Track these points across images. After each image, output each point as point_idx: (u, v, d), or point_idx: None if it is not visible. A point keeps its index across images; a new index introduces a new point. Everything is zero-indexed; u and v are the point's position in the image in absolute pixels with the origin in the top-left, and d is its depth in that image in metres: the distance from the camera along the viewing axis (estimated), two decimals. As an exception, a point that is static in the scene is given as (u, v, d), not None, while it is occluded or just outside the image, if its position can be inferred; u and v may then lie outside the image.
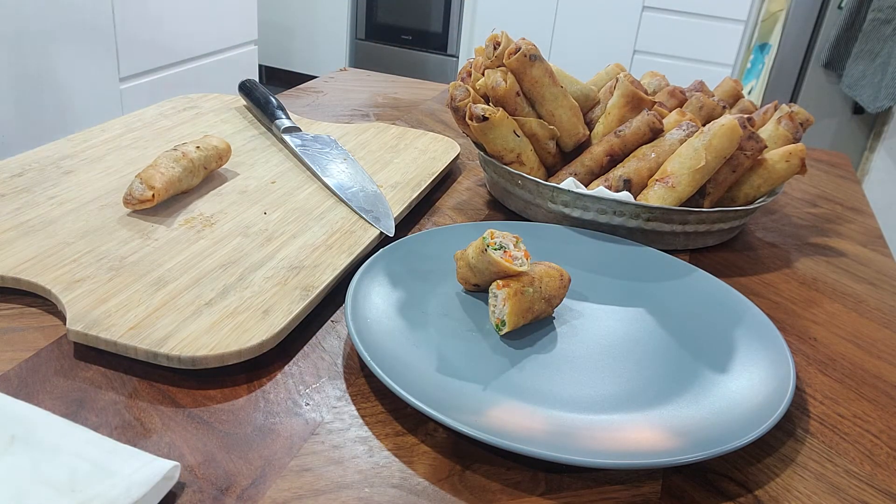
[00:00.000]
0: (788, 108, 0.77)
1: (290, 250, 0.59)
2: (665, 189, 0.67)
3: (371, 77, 1.23)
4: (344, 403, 0.46)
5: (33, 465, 0.37)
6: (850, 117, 2.65)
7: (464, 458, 0.43)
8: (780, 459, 0.45)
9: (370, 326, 0.50)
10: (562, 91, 0.72)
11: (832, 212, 0.86)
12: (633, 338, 0.55)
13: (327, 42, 3.66)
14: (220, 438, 0.42)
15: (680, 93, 0.80)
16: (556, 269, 0.55)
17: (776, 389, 0.47)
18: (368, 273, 0.56)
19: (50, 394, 0.44)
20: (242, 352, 0.47)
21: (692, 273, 0.62)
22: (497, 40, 0.71)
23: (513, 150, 0.70)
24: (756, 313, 0.56)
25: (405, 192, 0.72)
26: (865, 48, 2.42)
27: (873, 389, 0.53)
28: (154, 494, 0.36)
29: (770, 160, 0.72)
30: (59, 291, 0.51)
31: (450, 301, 0.56)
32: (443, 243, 0.62)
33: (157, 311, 0.50)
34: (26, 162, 0.70)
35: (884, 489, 0.44)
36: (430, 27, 3.46)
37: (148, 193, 0.62)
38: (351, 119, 0.99)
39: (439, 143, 0.86)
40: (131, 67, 2.16)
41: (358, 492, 0.40)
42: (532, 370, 0.50)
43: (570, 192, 0.67)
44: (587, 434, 0.44)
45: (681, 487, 0.42)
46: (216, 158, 0.70)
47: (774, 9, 2.65)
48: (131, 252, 0.57)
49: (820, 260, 0.73)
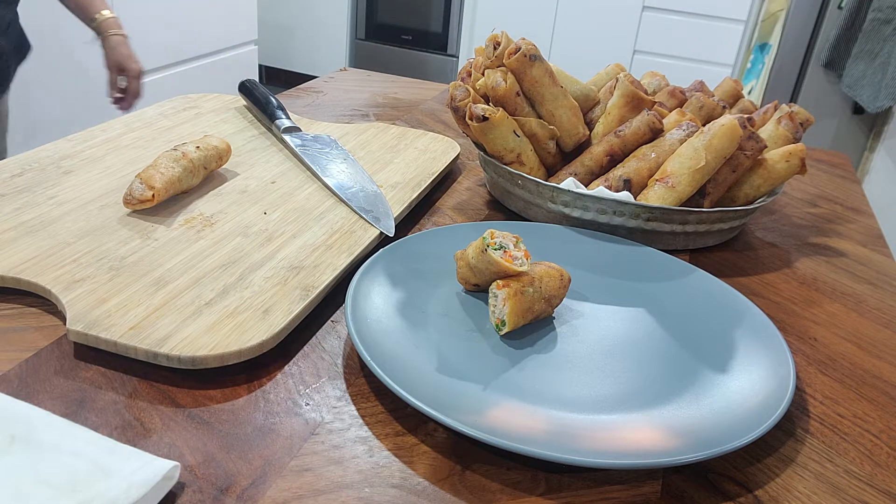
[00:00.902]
0: (788, 108, 0.77)
1: (290, 250, 0.59)
2: (665, 189, 0.67)
3: (371, 77, 1.23)
4: (344, 403, 0.46)
5: (33, 465, 0.37)
6: (850, 117, 2.65)
7: (464, 458, 0.43)
8: (780, 459, 0.45)
9: (370, 326, 0.50)
10: (562, 91, 0.72)
11: (832, 212, 0.86)
12: (633, 338, 0.55)
13: (327, 42, 3.66)
14: (220, 438, 0.42)
15: (680, 93, 0.80)
16: (556, 269, 0.55)
17: (776, 389, 0.47)
18: (368, 273, 0.56)
19: (50, 394, 0.44)
20: (242, 352, 0.47)
21: (692, 273, 0.62)
22: (497, 40, 0.71)
23: (513, 150, 0.70)
24: (756, 313, 0.56)
25: (405, 192, 0.72)
26: (865, 48, 2.42)
27: (873, 389, 0.53)
28: (154, 494, 0.36)
29: (770, 160, 0.72)
30: (59, 291, 0.51)
31: (450, 301, 0.56)
32: (443, 243, 0.62)
33: (157, 311, 0.50)
34: (26, 162, 0.70)
35: (884, 489, 0.44)
36: (430, 27, 3.46)
37: (148, 193, 0.62)
38: (351, 119, 0.99)
39: (439, 143, 0.86)
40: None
41: (358, 492, 0.40)
42: (532, 370, 0.50)
43: (570, 192, 0.67)
44: (587, 434, 0.44)
45: (681, 487, 0.42)
46: (216, 158, 0.70)
47: (774, 9, 2.65)
48: (131, 252, 0.57)
49: (820, 260, 0.73)
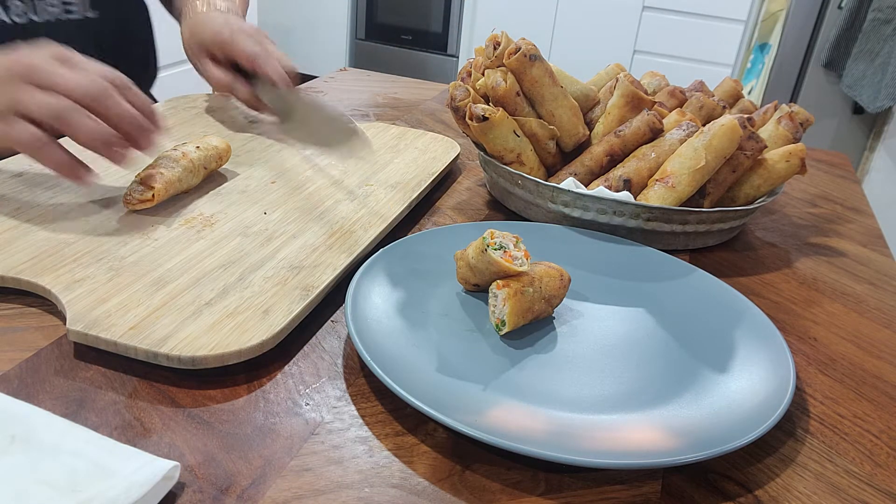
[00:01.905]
0: (788, 108, 0.77)
1: (290, 250, 0.59)
2: (665, 189, 0.67)
3: (371, 77, 1.23)
4: (344, 403, 0.46)
5: (33, 465, 0.37)
6: (850, 117, 2.65)
7: (464, 458, 0.43)
8: (780, 459, 0.45)
9: (370, 326, 0.50)
10: (562, 91, 0.72)
11: (832, 212, 0.86)
12: (633, 338, 0.55)
13: (327, 42, 3.66)
14: (220, 438, 0.42)
15: (680, 93, 0.80)
16: (556, 269, 0.55)
17: (776, 389, 0.47)
18: (368, 273, 0.56)
19: (50, 394, 0.44)
20: (242, 352, 0.47)
21: (692, 273, 0.62)
22: (497, 40, 0.71)
23: (513, 150, 0.70)
24: (756, 313, 0.56)
25: (405, 192, 0.72)
26: (865, 48, 2.42)
27: (873, 389, 0.53)
28: (154, 494, 0.36)
29: (770, 160, 0.72)
30: (59, 291, 0.51)
31: (450, 301, 0.56)
32: (443, 243, 0.62)
33: (157, 311, 0.50)
34: (26, 162, 0.70)
35: (884, 489, 0.44)
36: (430, 27, 3.46)
37: (148, 194, 0.62)
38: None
39: (439, 143, 0.86)
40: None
41: (358, 492, 0.40)
42: (532, 370, 0.50)
43: (570, 192, 0.67)
44: (587, 434, 0.44)
45: (681, 487, 0.42)
46: (216, 158, 0.70)
47: (774, 9, 2.65)
48: (131, 252, 0.57)
49: (820, 260, 0.73)
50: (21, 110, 0.57)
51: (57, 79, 0.57)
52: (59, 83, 0.57)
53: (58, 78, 0.57)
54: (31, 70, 0.57)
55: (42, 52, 0.59)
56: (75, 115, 0.57)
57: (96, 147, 0.58)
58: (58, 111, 0.56)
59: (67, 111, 0.57)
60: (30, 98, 0.57)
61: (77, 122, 0.57)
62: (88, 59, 0.61)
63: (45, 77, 0.57)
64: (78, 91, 0.57)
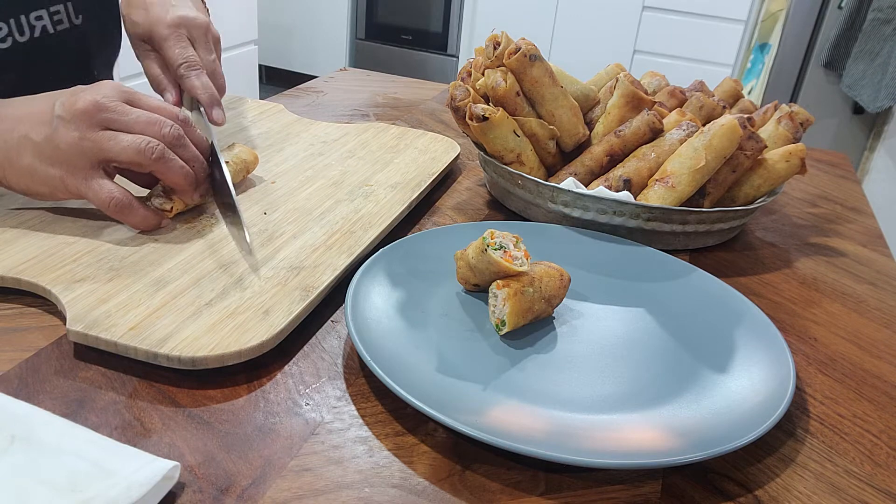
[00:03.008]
0: (788, 107, 0.77)
1: (290, 250, 0.59)
2: (665, 189, 0.67)
3: (371, 77, 1.23)
4: (344, 403, 0.46)
5: (33, 465, 0.37)
6: (850, 117, 2.65)
7: (464, 458, 0.43)
8: (780, 459, 0.45)
9: (370, 326, 0.50)
10: (562, 91, 0.72)
11: (832, 212, 0.86)
12: (633, 338, 0.55)
13: (327, 42, 3.66)
14: (220, 438, 0.42)
15: (680, 93, 0.80)
16: (556, 269, 0.55)
17: (776, 389, 0.47)
18: (368, 273, 0.56)
19: (50, 394, 0.44)
20: (242, 352, 0.47)
21: (692, 273, 0.62)
22: (497, 40, 0.71)
23: (513, 150, 0.70)
24: (756, 313, 0.56)
25: (405, 192, 0.72)
26: (865, 48, 2.42)
27: (873, 389, 0.53)
28: (154, 494, 0.36)
29: (770, 160, 0.72)
30: (59, 291, 0.51)
31: (450, 301, 0.56)
32: (443, 243, 0.62)
33: (157, 312, 0.50)
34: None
35: (884, 489, 0.44)
36: (430, 27, 3.46)
37: (168, 205, 0.61)
38: (351, 119, 0.99)
39: (439, 143, 0.86)
40: (131, 67, 2.15)
41: (358, 492, 0.40)
42: (532, 370, 0.50)
43: (570, 192, 0.67)
44: (587, 434, 0.44)
45: (681, 487, 0.42)
46: (243, 171, 0.70)
47: (774, 9, 2.66)
48: (131, 252, 0.57)
49: (820, 260, 0.73)
50: (110, 158, 0.55)
51: (135, 120, 0.56)
52: (139, 124, 0.56)
53: (135, 119, 0.56)
54: (104, 112, 0.55)
55: (104, 90, 0.56)
56: (169, 156, 0.56)
57: (184, 187, 0.58)
58: (152, 154, 0.55)
59: (163, 153, 0.56)
60: (115, 144, 0.55)
61: (172, 163, 0.57)
62: (146, 95, 0.59)
63: (122, 120, 0.56)
64: (163, 131, 0.56)
